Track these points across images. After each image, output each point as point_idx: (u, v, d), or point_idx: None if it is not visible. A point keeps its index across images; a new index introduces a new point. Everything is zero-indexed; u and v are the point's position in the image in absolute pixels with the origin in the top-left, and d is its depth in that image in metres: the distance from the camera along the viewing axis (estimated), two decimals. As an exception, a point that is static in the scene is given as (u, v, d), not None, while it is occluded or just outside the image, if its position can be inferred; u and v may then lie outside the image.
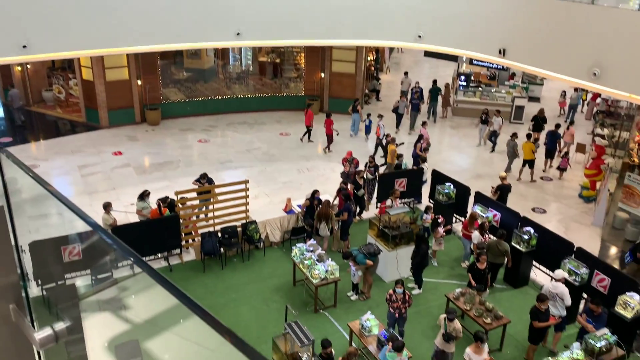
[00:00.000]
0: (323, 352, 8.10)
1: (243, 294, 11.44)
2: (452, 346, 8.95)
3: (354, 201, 14.05)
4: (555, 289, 9.95)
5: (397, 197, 13.43)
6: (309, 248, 11.48)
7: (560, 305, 9.90)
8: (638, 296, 9.65)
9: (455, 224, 14.48)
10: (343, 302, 11.29)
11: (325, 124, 19.06)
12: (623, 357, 9.07)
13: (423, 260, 11.18)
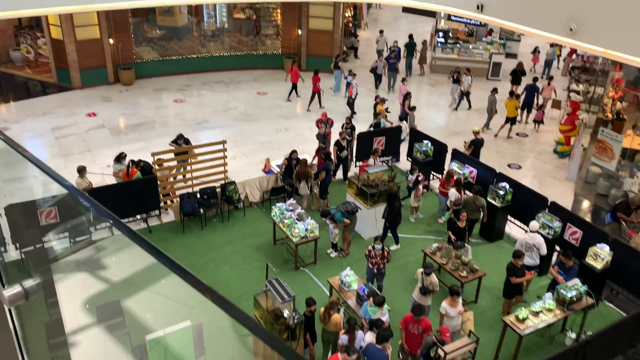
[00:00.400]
0: (307, 310, 8.26)
1: (223, 253, 11.53)
2: (429, 299, 9.22)
3: (338, 162, 14.09)
4: (532, 240, 10.28)
5: (379, 155, 13.51)
6: (288, 207, 11.55)
7: (536, 255, 10.28)
8: (608, 247, 9.99)
9: (432, 181, 14.66)
10: (323, 259, 11.46)
11: (290, 71, 19.11)
12: (592, 305, 9.45)
13: (397, 218, 11.34)
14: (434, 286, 9.18)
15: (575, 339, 9.21)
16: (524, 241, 10.34)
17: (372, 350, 7.62)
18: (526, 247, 10.28)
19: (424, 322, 8.10)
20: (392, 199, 11.23)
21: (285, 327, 8.36)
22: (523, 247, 10.32)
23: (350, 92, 18.40)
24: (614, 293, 10.79)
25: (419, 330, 8.08)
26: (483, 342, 8.97)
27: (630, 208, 11.68)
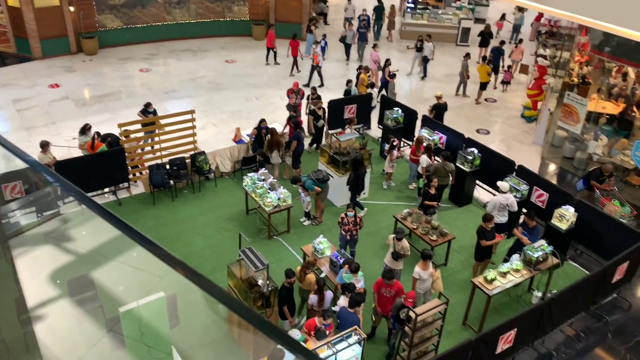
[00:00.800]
0: (286, 282, 8.26)
1: (195, 224, 11.49)
2: (401, 264, 9.40)
3: (316, 132, 14.00)
4: (507, 200, 10.58)
5: (355, 124, 13.49)
6: (260, 177, 11.52)
7: (506, 213, 10.63)
8: (572, 209, 10.29)
9: (403, 148, 14.77)
10: (296, 228, 11.53)
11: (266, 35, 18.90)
12: (558, 265, 9.79)
13: (360, 184, 11.36)
14: (405, 251, 9.36)
15: (541, 297, 9.54)
16: (497, 202, 10.59)
17: (345, 313, 7.78)
18: (499, 208, 10.57)
19: (396, 286, 8.29)
20: (357, 165, 11.27)
21: (260, 295, 8.44)
22: (496, 208, 10.57)
23: (316, 59, 18.08)
24: (578, 253, 11.17)
25: (390, 293, 8.27)
26: (453, 302, 9.24)
27: (603, 175, 11.81)
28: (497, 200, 10.64)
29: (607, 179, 11.81)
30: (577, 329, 9.50)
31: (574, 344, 9.20)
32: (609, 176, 11.81)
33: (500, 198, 10.63)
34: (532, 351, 8.93)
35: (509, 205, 10.57)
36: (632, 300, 10.20)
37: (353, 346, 6.97)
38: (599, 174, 11.88)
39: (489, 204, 10.76)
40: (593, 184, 11.84)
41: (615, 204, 11.18)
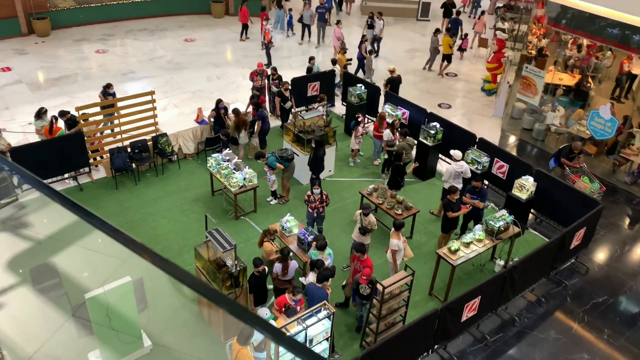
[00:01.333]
0: (255, 271, 8.21)
1: (160, 207, 11.35)
2: (368, 238, 9.52)
3: (282, 114, 13.85)
4: (461, 167, 10.85)
5: (324, 100, 13.43)
6: (224, 157, 11.41)
7: (461, 181, 10.97)
8: (532, 179, 10.58)
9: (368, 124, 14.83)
10: (263, 207, 11.52)
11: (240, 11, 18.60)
12: (519, 234, 10.08)
13: (320, 164, 11.29)
14: (372, 225, 9.47)
15: (503, 265, 9.83)
16: (452, 170, 10.85)
17: (313, 289, 7.86)
18: (455, 176, 10.85)
19: (367, 262, 8.32)
20: (318, 146, 11.19)
21: (228, 276, 8.43)
22: (452, 176, 10.85)
23: (267, 36, 17.47)
24: (538, 221, 11.52)
25: (361, 268, 8.36)
26: (419, 274, 9.44)
27: (573, 153, 11.91)
28: (452, 168, 10.91)
29: (577, 157, 11.89)
30: (538, 294, 9.85)
31: (535, 309, 9.55)
32: (579, 153, 11.90)
33: (454, 166, 10.91)
34: (496, 317, 9.23)
35: (463, 172, 10.90)
36: (589, 264, 10.62)
37: (323, 321, 7.07)
38: (569, 151, 11.98)
39: (445, 173, 11.00)
40: (563, 161, 11.92)
41: (585, 181, 11.41)
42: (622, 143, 13.50)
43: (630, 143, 13.58)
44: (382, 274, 9.61)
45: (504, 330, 9.07)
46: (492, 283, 8.34)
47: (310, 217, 10.19)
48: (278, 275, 8.60)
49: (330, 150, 12.41)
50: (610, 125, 12.71)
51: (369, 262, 8.40)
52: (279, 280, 8.63)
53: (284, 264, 8.53)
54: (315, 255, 8.63)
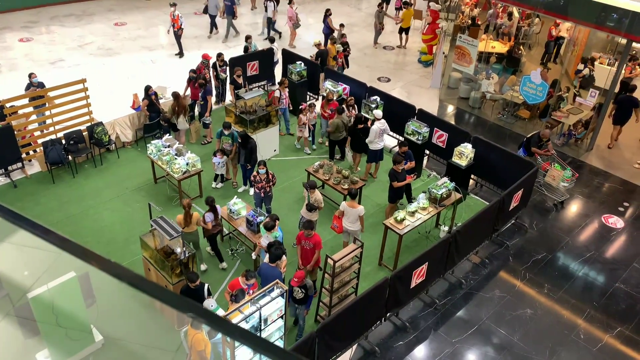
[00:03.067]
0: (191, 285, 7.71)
1: (101, 199, 11.02)
2: (316, 214, 9.60)
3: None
4: (383, 125, 11.32)
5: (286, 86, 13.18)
6: (165, 143, 11.15)
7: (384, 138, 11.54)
8: (470, 145, 10.91)
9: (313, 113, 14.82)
10: (208, 192, 11.38)
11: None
12: (460, 200, 10.42)
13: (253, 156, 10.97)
14: (319, 202, 9.56)
15: (448, 231, 10.17)
16: (376, 129, 11.24)
17: (266, 269, 7.89)
18: (379, 134, 11.24)
19: (314, 238, 8.44)
20: (244, 140, 10.78)
21: (178, 263, 8.34)
22: (376, 135, 11.24)
23: (177, 24, 16.16)
24: (478, 186, 11.94)
25: (309, 245, 8.44)
26: (368, 245, 9.63)
27: (542, 141, 11.71)
28: (376, 127, 11.27)
29: (546, 144, 11.70)
30: (482, 256, 10.26)
31: (480, 270, 9.95)
32: (547, 141, 11.71)
33: (378, 125, 11.30)
34: (444, 282, 9.56)
35: (385, 130, 11.37)
36: (528, 224, 11.12)
37: (276, 299, 7.12)
38: (538, 139, 11.73)
39: (370, 134, 11.31)
40: (534, 150, 11.72)
41: (557, 168, 11.60)
42: (553, 106, 14.10)
43: (560, 106, 14.20)
44: (332, 249, 9.76)
45: (451, 293, 9.42)
46: (438, 249, 8.62)
47: (258, 198, 10.17)
48: (212, 224, 9.12)
49: (274, 129, 12.35)
50: (542, 90, 13.23)
51: (317, 238, 8.48)
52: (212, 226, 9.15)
53: (215, 212, 9.14)
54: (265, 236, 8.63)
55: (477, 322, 8.88)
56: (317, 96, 15.10)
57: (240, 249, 10.05)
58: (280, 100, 12.96)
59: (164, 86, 13.66)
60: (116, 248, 9.85)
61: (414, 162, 10.64)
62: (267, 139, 12.15)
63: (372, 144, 11.41)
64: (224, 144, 11.10)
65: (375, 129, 11.26)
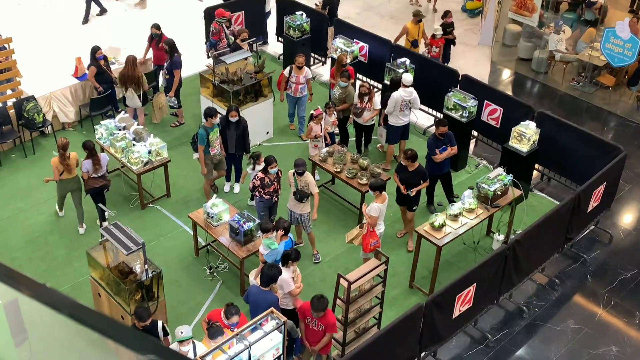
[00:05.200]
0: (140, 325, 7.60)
1: (35, 199, 11.09)
2: (307, 206, 9.61)
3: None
4: (410, 95, 11.31)
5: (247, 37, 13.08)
6: (119, 124, 11.19)
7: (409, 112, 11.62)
8: (534, 124, 10.86)
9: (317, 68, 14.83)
10: (178, 190, 11.42)
11: None
12: (521, 198, 10.39)
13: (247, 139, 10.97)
14: (311, 186, 9.57)
15: (503, 240, 10.15)
16: (399, 98, 11.23)
17: (256, 293, 7.91)
18: (402, 106, 11.27)
19: (326, 319, 7.85)
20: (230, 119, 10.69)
21: (138, 286, 8.38)
22: (397, 106, 11.25)
23: None
24: (545, 179, 11.89)
25: (319, 327, 7.96)
26: (394, 260, 9.64)
27: None
28: (398, 96, 11.24)
29: None
30: (550, 274, 10.24)
31: (547, 294, 9.93)
32: None
33: (402, 93, 11.24)
34: (498, 310, 9.56)
35: (411, 102, 11.34)
36: (612, 230, 11.08)
37: (271, 335, 7.12)
38: None
39: (389, 102, 11.34)
40: None
41: None
42: (646, 69, 14.02)
43: (656, 69, 14.12)
44: (345, 266, 9.76)
45: (509, 325, 9.41)
46: (491, 264, 8.60)
47: (265, 205, 9.99)
48: (89, 173, 9.78)
49: (267, 104, 12.35)
50: (631, 47, 13.15)
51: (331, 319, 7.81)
52: (92, 179, 9.89)
53: (94, 158, 9.77)
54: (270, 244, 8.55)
55: (543, 364, 8.87)
56: (323, 59, 15.09)
57: (222, 267, 10.08)
58: (289, 83, 12.38)
59: (117, 47, 13.68)
60: (54, 266, 9.89)
61: (455, 147, 10.61)
62: (258, 117, 12.15)
63: (392, 116, 11.46)
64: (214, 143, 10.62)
65: (397, 96, 11.26)
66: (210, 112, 10.51)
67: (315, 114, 11.25)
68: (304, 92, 12.41)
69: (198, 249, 10.20)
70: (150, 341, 1.67)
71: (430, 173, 10.67)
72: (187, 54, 13.27)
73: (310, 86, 12.46)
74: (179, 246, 10.41)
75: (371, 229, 9.18)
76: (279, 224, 8.85)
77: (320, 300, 7.67)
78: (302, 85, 12.32)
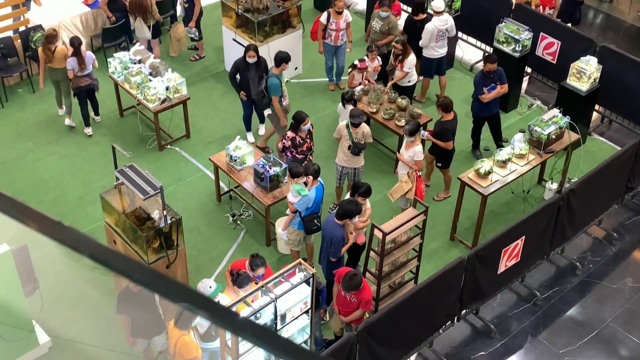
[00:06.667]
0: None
1: (44, 140, 11.24)
2: (362, 158, 9.62)
3: None
4: (445, 23, 11.37)
5: None
6: (134, 57, 11.21)
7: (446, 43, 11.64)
8: (595, 60, 10.66)
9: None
10: (198, 131, 11.48)
11: None
12: (578, 142, 10.27)
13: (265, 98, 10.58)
14: (367, 137, 9.60)
15: (557, 189, 10.09)
16: (434, 29, 11.26)
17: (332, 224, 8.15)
18: (438, 36, 11.30)
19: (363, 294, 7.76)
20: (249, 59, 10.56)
21: (156, 233, 8.52)
22: (433, 37, 11.26)
23: None
24: (606, 122, 11.72)
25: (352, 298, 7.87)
26: (434, 211, 9.63)
27: None
28: (433, 26, 11.25)
29: None
30: (608, 228, 10.19)
31: (604, 249, 9.90)
32: None
33: (436, 22, 11.24)
34: (549, 265, 9.57)
35: (448, 30, 11.39)
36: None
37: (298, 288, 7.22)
38: None
39: (424, 35, 11.31)
40: None
41: None
42: None
43: None
44: (381, 216, 9.80)
45: (560, 283, 9.43)
46: (541, 216, 8.57)
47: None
48: (74, 72, 10.55)
49: (295, 36, 12.26)
50: None
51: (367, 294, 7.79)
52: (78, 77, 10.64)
53: (79, 56, 10.50)
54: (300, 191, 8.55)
55: (597, 325, 8.89)
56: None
57: (246, 215, 10.19)
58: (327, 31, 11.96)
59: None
60: (66, 210, 10.09)
61: (506, 85, 10.50)
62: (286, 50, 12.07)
63: (427, 49, 11.40)
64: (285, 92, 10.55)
65: (431, 28, 11.22)
66: (283, 56, 10.39)
67: (360, 65, 11.11)
68: (344, 39, 12.02)
69: (220, 194, 10.30)
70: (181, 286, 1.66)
71: (476, 114, 10.62)
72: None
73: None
74: (199, 191, 10.53)
75: (419, 174, 9.28)
76: (307, 168, 8.83)
77: (352, 278, 7.61)
78: (342, 32, 11.92)
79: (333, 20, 11.77)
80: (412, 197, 9.21)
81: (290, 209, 8.82)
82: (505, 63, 10.89)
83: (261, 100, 10.51)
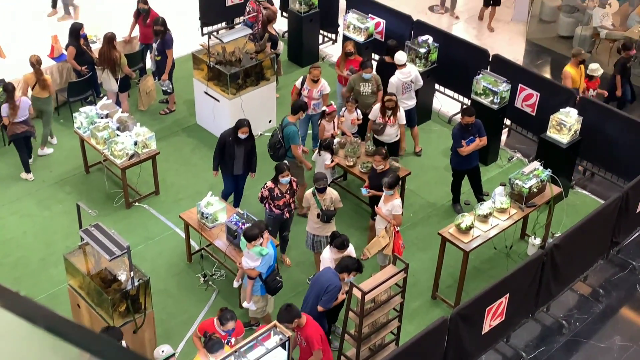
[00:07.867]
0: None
1: (7, 197, 11.15)
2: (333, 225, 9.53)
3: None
4: (409, 75, 11.51)
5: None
6: (101, 112, 11.20)
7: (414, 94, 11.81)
8: (575, 111, 10.79)
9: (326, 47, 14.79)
10: (167, 187, 11.43)
11: None
12: (560, 195, 10.33)
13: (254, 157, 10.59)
14: (336, 203, 9.52)
15: (540, 244, 10.10)
16: (398, 82, 11.41)
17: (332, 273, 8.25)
18: (403, 89, 11.45)
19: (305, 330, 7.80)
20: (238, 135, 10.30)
21: (122, 295, 8.38)
22: (399, 90, 11.37)
23: None
24: (588, 175, 11.82)
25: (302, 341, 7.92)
26: (414, 267, 9.59)
27: None
28: (396, 80, 11.41)
29: None
30: (594, 284, 10.19)
31: (591, 306, 9.88)
32: None
33: (399, 76, 11.39)
34: (534, 324, 9.52)
35: (413, 82, 11.52)
36: (665, 233, 11.01)
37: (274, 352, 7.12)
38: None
39: (389, 89, 11.38)
40: None
41: None
42: None
43: None
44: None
45: (546, 342, 9.37)
46: (525, 273, 8.55)
47: (276, 223, 9.81)
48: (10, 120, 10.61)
49: (269, 89, 12.35)
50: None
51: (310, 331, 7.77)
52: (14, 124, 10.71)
53: (11, 102, 10.67)
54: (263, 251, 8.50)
55: (586, 386, 8.85)
56: (335, 35, 15.04)
57: (218, 275, 10.08)
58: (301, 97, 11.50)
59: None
60: (28, 273, 9.93)
61: (485, 138, 10.58)
62: (259, 104, 12.15)
63: None
64: None
65: (395, 81, 11.39)
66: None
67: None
68: (318, 109, 11.65)
69: (191, 253, 10.20)
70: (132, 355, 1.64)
71: (455, 168, 10.66)
72: (178, 32, 13.30)
73: (326, 102, 11.61)
74: (169, 251, 10.43)
75: (397, 229, 9.27)
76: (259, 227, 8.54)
77: (287, 309, 7.66)
78: (316, 101, 11.65)
79: (307, 87, 11.55)
80: (390, 254, 9.19)
81: (251, 276, 8.60)
82: (484, 115, 10.99)
83: (277, 152, 10.50)
